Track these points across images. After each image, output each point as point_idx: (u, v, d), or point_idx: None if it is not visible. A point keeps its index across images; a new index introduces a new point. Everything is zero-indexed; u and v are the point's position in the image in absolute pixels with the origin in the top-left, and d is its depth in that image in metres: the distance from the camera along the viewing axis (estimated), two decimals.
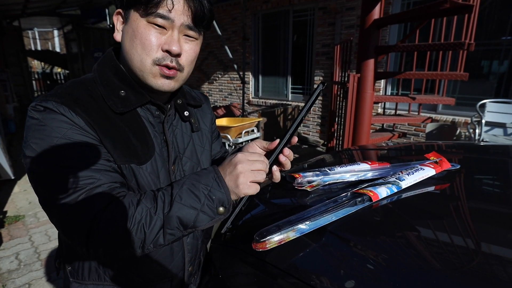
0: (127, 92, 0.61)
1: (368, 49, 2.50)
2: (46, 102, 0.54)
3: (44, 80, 11.64)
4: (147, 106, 0.65)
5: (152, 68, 0.59)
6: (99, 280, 0.65)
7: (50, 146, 0.52)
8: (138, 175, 0.60)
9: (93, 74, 0.64)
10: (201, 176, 0.56)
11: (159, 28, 0.57)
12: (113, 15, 0.62)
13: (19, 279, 1.99)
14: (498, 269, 0.56)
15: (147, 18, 0.56)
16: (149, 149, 0.63)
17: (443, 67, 3.46)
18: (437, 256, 0.59)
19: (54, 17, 9.03)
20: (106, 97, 0.60)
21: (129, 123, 0.61)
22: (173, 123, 0.69)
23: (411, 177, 0.80)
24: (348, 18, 4.38)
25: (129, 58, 0.60)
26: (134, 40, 0.57)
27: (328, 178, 0.88)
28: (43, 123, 0.53)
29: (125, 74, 0.62)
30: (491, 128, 3.14)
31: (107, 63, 0.64)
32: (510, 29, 3.27)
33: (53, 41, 14.71)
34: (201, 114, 0.80)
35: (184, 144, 0.71)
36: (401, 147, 1.54)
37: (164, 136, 0.66)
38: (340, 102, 3.28)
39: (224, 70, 6.51)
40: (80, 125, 0.55)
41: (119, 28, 0.61)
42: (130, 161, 0.59)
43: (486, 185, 0.97)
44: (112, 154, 0.58)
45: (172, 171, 0.67)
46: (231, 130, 3.92)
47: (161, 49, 0.58)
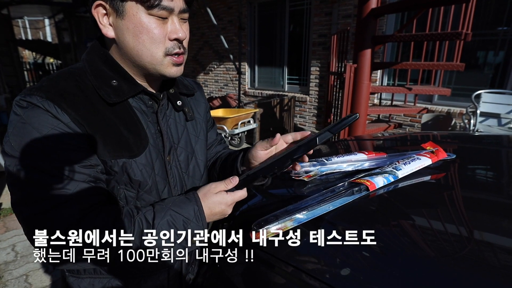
0: (119, 82, 0.60)
1: (365, 39, 2.48)
2: (31, 97, 0.52)
3: (36, 70, 11.40)
4: (139, 96, 0.63)
5: (163, 60, 0.58)
6: (95, 273, 0.65)
7: (28, 146, 0.51)
8: (130, 169, 0.59)
9: (82, 63, 0.61)
10: (183, 208, 0.57)
11: (161, 19, 0.56)
12: (92, 7, 0.55)
13: (16, 270, 2.00)
14: (490, 256, 0.57)
15: (149, 11, 0.54)
16: (142, 141, 0.61)
17: (440, 58, 3.45)
18: (431, 244, 0.60)
19: (44, 5, 8.79)
20: (98, 87, 0.58)
21: (120, 115, 0.60)
22: (167, 113, 0.68)
23: (408, 166, 0.80)
24: (345, 8, 4.33)
25: (135, 54, 0.58)
26: (139, 35, 0.55)
27: (325, 168, 0.88)
28: (24, 120, 0.51)
29: (116, 63, 0.60)
30: (486, 118, 3.16)
31: (96, 52, 0.61)
32: (506, 20, 3.26)
33: (44, 30, 14.36)
34: (195, 103, 0.78)
35: (178, 134, 0.70)
36: (397, 137, 1.55)
37: (158, 126, 0.65)
38: (337, 92, 3.27)
39: (219, 60, 6.43)
40: (65, 122, 0.53)
41: (104, 23, 0.56)
42: (121, 155, 0.58)
43: (480, 175, 0.98)
44: (101, 150, 0.56)
45: (168, 162, 0.67)
46: (227, 121, 3.90)
47: (168, 38, 0.57)
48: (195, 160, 0.74)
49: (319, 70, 4.81)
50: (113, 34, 0.57)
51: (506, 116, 3.07)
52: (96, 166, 0.56)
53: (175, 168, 0.69)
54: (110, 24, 0.57)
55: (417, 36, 2.35)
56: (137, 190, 0.62)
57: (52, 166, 0.51)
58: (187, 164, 0.71)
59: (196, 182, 0.74)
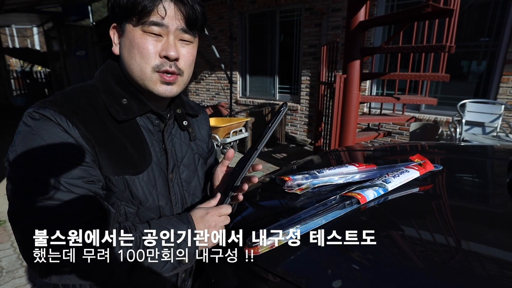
0: (129, 101, 0.62)
1: (353, 51, 2.55)
2: (44, 110, 0.54)
3: (24, 78, 11.23)
4: (147, 115, 0.65)
5: (152, 76, 0.59)
6: None
7: (34, 157, 0.52)
8: (132, 186, 0.60)
9: (95, 81, 0.64)
10: (177, 227, 0.58)
11: (155, 36, 0.57)
12: (110, 29, 0.62)
13: (1, 286, 1.93)
14: (476, 266, 0.59)
15: (142, 28, 0.57)
16: (146, 159, 0.63)
17: (426, 68, 3.56)
18: (420, 254, 0.62)
19: (33, 14, 8.71)
20: (108, 105, 0.60)
21: (127, 132, 0.62)
22: (172, 132, 0.70)
23: (397, 179, 0.82)
24: (334, 19, 4.44)
25: (129, 69, 0.60)
26: (132, 50, 0.58)
27: (317, 181, 0.90)
28: (35, 132, 0.53)
29: (127, 83, 0.63)
30: (471, 127, 3.26)
31: (110, 70, 0.64)
32: (488, 31, 3.40)
33: (33, 38, 14.20)
34: (199, 125, 0.81)
35: (182, 152, 0.72)
36: (387, 147, 1.59)
37: (164, 145, 0.67)
38: (327, 102, 3.33)
39: (211, 69, 6.46)
40: (74, 137, 0.54)
41: (116, 42, 0.62)
42: (125, 172, 0.60)
43: (466, 185, 1.01)
44: (106, 166, 0.58)
45: (170, 179, 0.68)
46: (219, 130, 3.91)
47: (159, 55, 0.58)
48: (197, 179, 0.75)
49: (310, 79, 4.88)
50: (118, 51, 0.62)
51: (490, 124, 3.17)
52: (98, 182, 0.57)
53: (177, 186, 0.70)
54: (119, 43, 0.62)
55: (404, 48, 2.42)
56: (138, 206, 0.63)
57: (56, 179, 0.52)
58: (189, 182, 0.73)
59: (196, 199, 0.75)
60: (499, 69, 3.31)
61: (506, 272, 0.57)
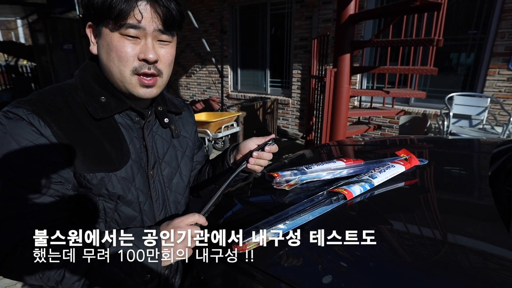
0: (108, 98, 0.62)
1: (344, 44, 2.55)
2: (17, 109, 0.55)
3: (8, 73, 10.92)
4: (126, 112, 0.66)
5: (131, 78, 0.60)
6: None
7: (4, 155, 0.53)
8: (108, 183, 0.61)
9: (75, 79, 0.64)
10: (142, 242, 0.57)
11: (132, 39, 0.57)
12: (86, 27, 0.62)
13: None
14: (462, 258, 0.61)
15: (119, 31, 0.57)
16: (124, 156, 0.63)
17: (415, 61, 3.59)
18: (407, 248, 0.64)
19: (16, 5, 8.42)
20: (86, 103, 0.60)
21: (105, 130, 0.62)
22: (153, 129, 0.71)
23: (383, 174, 0.84)
24: (325, 12, 4.42)
25: (108, 70, 0.61)
26: (110, 53, 0.58)
27: (306, 177, 0.91)
28: (6, 130, 0.54)
29: (106, 81, 0.63)
30: (458, 120, 3.32)
31: (89, 69, 0.64)
32: (475, 24, 3.44)
33: (17, 31, 13.76)
34: (183, 122, 0.81)
35: (163, 149, 0.72)
36: (376, 141, 1.61)
37: (144, 141, 0.67)
38: (318, 95, 3.34)
39: (202, 63, 6.39)
40: (46, 136, 0.55)
41: (93, 41, 0.62)
42: (100, 169, 0.60)
43: (449, 179, 1.04)
44: (80, 164, 0.58)
45: (151, 176, 0.68)
46: (211, 125, 3.89)
47: (138, 58, 0.59)
48: (179, 175, 0.76)
49: (301, 73, 4.88)
50: (95, 51, 0.62)
51: (476, 117, 3.24)
52: (66, 183, 0.58)
53: (158, 183, 0.70)
54: (96, 42, 0.62)
55: (393, 41, 2.44)
56: (116, 202, 0.63)
57: (22, 178, 0.53)
58: (170, 179, 0.73)
59: (179, 196, 0.76)
60: (486, 62, 3.36)
61: (485, 262, 0.59)
